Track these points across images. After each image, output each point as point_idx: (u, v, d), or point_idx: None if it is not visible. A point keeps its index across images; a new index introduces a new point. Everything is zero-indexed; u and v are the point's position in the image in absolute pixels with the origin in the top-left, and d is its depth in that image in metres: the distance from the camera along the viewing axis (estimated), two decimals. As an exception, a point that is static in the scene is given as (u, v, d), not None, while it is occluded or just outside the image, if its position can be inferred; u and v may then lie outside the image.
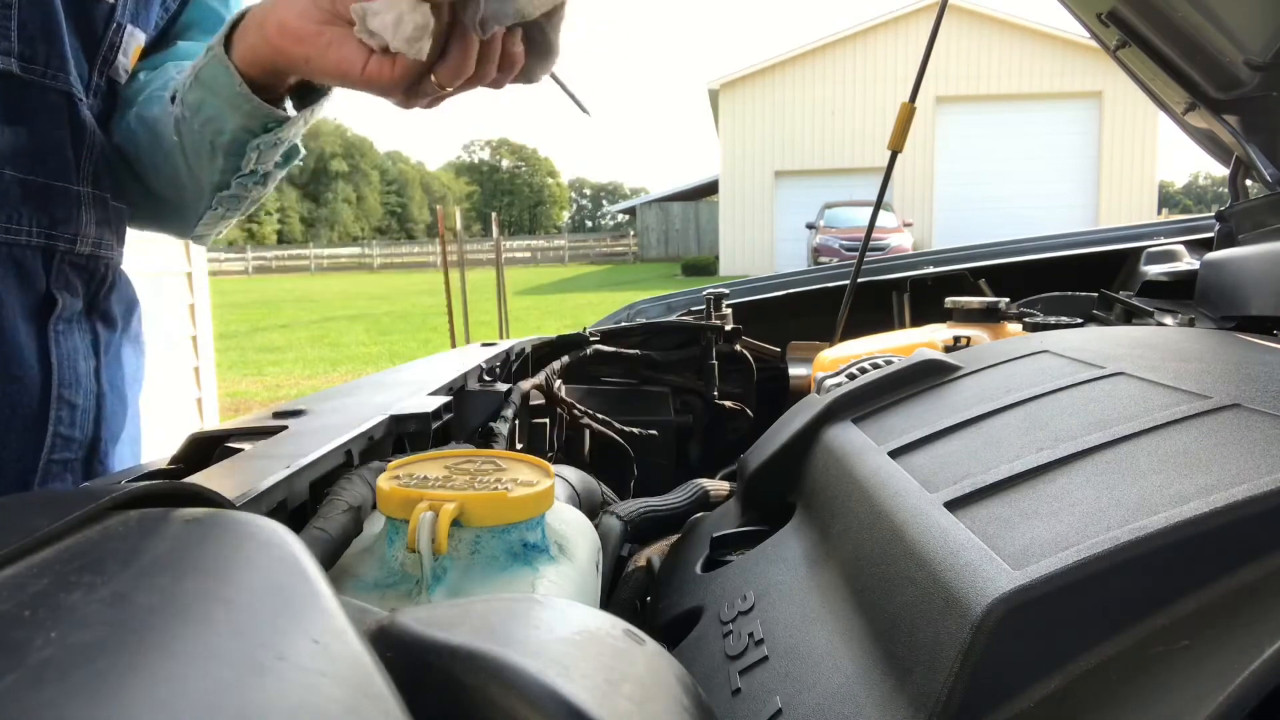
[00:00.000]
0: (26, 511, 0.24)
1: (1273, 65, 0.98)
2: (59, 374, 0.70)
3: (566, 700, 0.22)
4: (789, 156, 20.22)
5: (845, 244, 14.72)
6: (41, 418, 0.69)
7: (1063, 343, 0.69)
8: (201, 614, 0.20)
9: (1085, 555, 0.33)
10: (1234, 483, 0.36)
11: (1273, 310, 0.90)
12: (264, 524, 0.26)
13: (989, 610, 0.33)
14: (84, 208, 0.71)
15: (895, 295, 1.59)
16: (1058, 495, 0.41)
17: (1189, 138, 1.36)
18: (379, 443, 0.60)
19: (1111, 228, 1.82)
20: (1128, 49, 1.17)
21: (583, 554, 0.49)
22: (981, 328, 1.12)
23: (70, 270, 0.71)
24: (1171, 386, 0.51)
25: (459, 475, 0.47)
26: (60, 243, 0.69)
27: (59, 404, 0.70)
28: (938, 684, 0.34)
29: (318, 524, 0.43)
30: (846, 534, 0.51)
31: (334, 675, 0.19)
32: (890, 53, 19.16)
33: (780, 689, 0.43)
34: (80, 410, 0.72)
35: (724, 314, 1.38)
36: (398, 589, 0.42)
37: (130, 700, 0.16)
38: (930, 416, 0.60)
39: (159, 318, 3.46)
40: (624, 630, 0.29)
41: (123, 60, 0.74)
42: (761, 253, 20.24)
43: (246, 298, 14.68)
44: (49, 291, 0.69)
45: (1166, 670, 0.30)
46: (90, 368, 0.74)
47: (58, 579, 0.20)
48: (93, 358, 0.74)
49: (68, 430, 0.71)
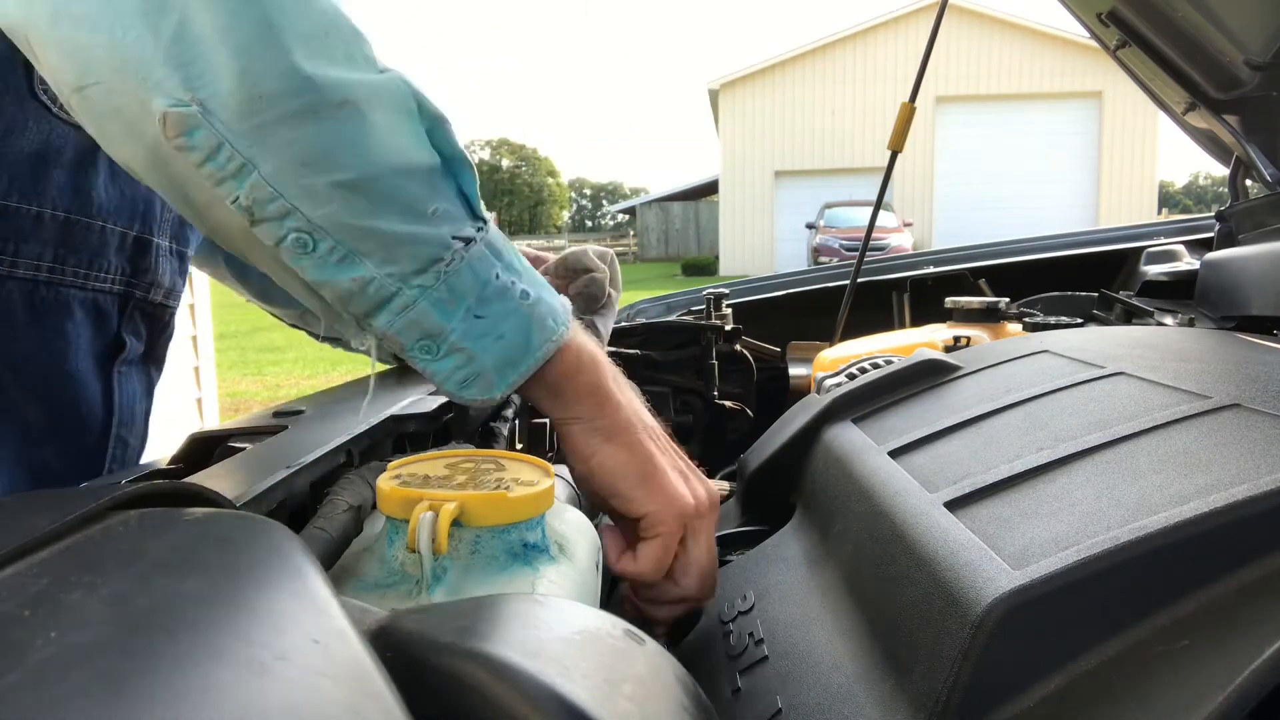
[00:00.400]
0: (26, 511, 0.24)
1: (1273, 65, 0.98)
2: (119, 414, 0.71)
3: (566, 700, 0.22)
4: (789, 156, 20.23)
5: (845, 244, 14.72)
6: (99, 455, 0.71)
7: (1063, 343, 0.69)
8: (202, 614, 0.20)
9: (1085, 555, 0.33)
10: (1234, 483, 0.36)
11: (1273, 310, 0.90)
12: (264, 524, 0.26)
13: (989, 610, 0.33)
14: (162, 258, 0.72)
15: (895, 295, 1.59)
16: (1058, 495, 0.41)
17: (1189, 138, 1.36)
18: (379, 443, 0.60)
19: (1111, 228, 1.82)
20: (1128, 49, 1.17)
21: (583, 554, 0.49)
22: (981, 328, 1.12)
23: (139, 317, 0.72)
24: (1171, 386, 0.51)
25: (459, 475, 0.47)
26: (137, 290, 0.71)
27: (116, 443, 0.72)
28: (938, 684, 0.34)
29: (318, 524, 0.43)
30: (846, 534, 0.51)
31: (334, 675, 0.19)
32: (890, 53, 19.15)
33: (780, 689, 0.43)
34: (131, 449, 0.74)
35: (724, 314, 1.38)
36: (398, 589, 0.42)
37: (130, 700, 0.16)
38: (930, 416, 0.60)
39: (159, 318, 3.45)
40: (624, 630, 0.29)
41: None
42: (761, 253, 20.24)
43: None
44: (119, 335, 0.71)
45: (1166, 670, 0.30)
46: (144, 409, 0.75)
47: (58, 579, 0.20)
48: (146, 400, 0.76)
49: (119, 469, 0.73)
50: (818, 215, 17.26)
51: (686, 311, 1.57)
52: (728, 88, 20.30)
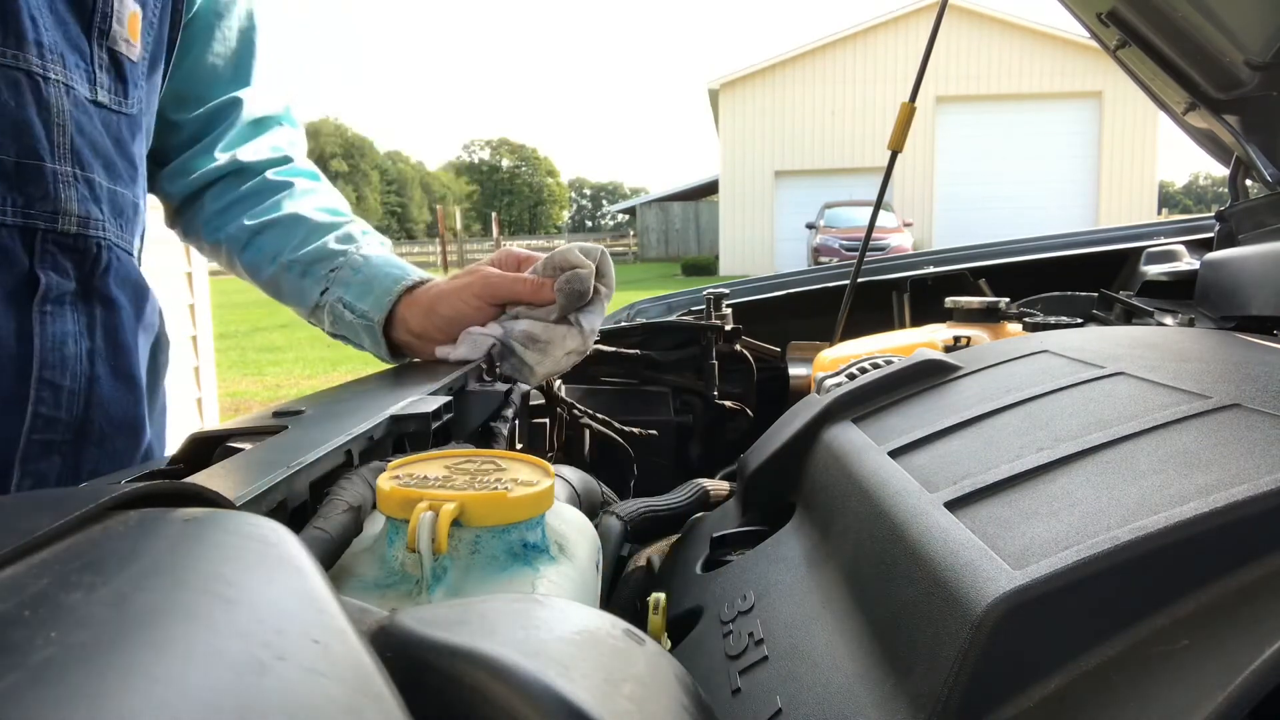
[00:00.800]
0: (26, 511, 0.24)
1: (1273, 65, 0.98)
2: (41, 355, 0.69)
3: (566, 700, 0.22)
4: (789, 156, 20.23)
5: (845, 244, 14.73)
6: (20, 397, 0.69)
7: (1063, 343, 0.69)
8: (201, 614, 0.20)
9: (1085, 555, 0.33)
10: (1234, 483, 0.36)
11: (1273, 310, 0.90)
12: (264, 524, 0.26)
13: (989, 610, 0.33)
14: (63, 184, 0.70)
15: (895, 295, 1.59)
16: (1058, 495, 0.41)
17: (1189, 138, 1.36)
18: (379, 443, 0.60)
19: (1111, 228, 1.82)
20: (1128, 49, 1.17)
21: (583, 554, 0.49)
22: (981, 328, 1.12)
23: (57, 251, 0.70)
24: (1171, 386, 0.51)
25: (459, 475, 0.47)
26: (39, 222, 0.69)
27: (40, 385, 0.70)
28: (938, 684, 0.34)
29: (318, 524, 0.43)
30: (846, 534, 0.51)
31: (334, 675, 0.19)
32: (890, 53, 19.16)
33: (780, 689, 0.43)
34: (66, 392, 0.72)
35: (724, 314, 1.38)
36: (398, 589, 0.42)
37: (130, 700, 0.16)
38: (930, 416, 0.60)
39: (159, 318, 3.45)
40: (624, 630, 0.29)
41: (118, 29, 0.74)
42: (761, 253, 20.25)
43: (246, 298, 14.68)
44: (32, 272, 0.69)
45: (1166, 670, 0.30)
46: (82, 350, 0.73)
47: (58, 579, 0.20)
48: (86, 340, 0.73)
49: (50, 411, 0.71)
50: (818, 215, 17.28)
51: (686, 311, 1.57)
52: (728, 88, 20.31)
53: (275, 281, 0.93)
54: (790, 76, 20.05)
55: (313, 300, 0.91)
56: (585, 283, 0.83)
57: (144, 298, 0.81)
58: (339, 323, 0.91)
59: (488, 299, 0.85)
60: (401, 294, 0.88)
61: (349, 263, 0.90)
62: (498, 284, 0.85)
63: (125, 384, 0.77)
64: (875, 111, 19.22)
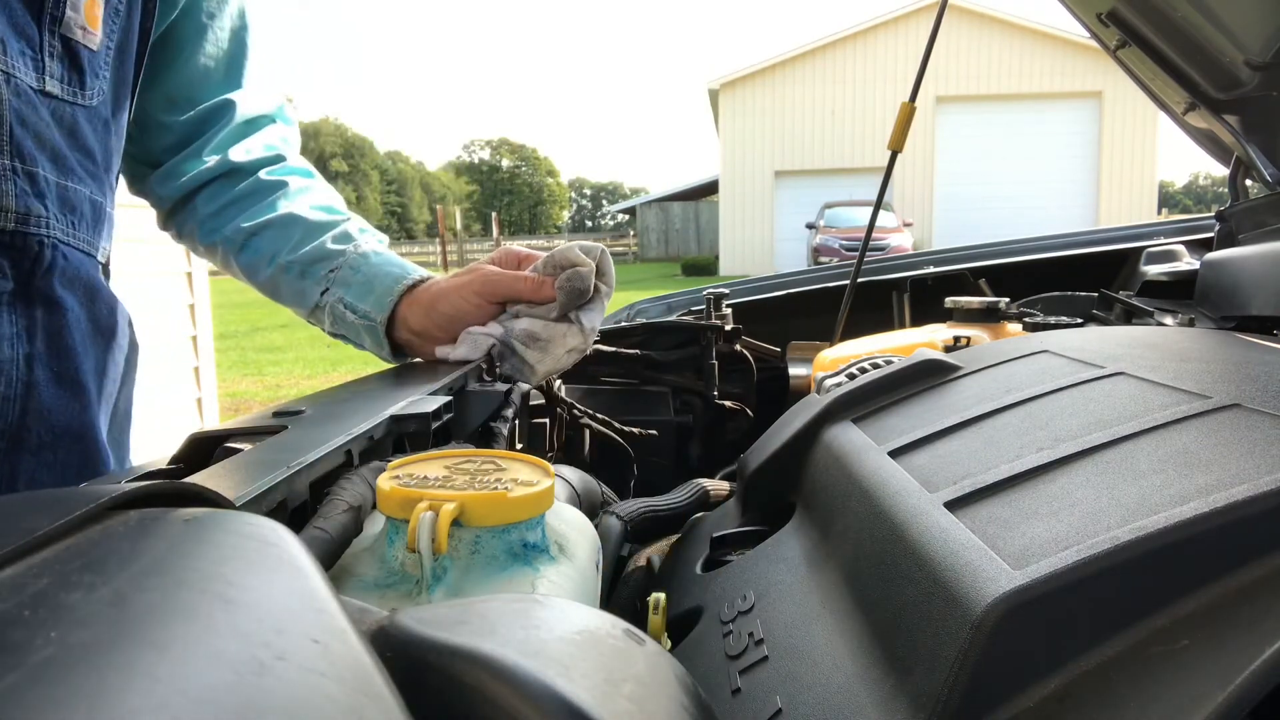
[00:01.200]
0: (26, 511, 0.24)
1: (1273, 65, 0.98)
2: None
3: (566, 700, 0.22)
4: (789, 156, 20.24)
5: (845, 244, 14.74)
6: None
7: (1063, 343, 0.69)
8: (201, 614, 0.20)
9: (1085, 555, 0.33)
10: (1234, 483, 0.36)
11: (1273, 310, 0.90)
12: (264, 524, 0.26)
13: (989, 610, 0.33)
14: (2, 179, 0.66)
15: (895, 295, 1.59)
16: (1058, 495, 0.41)
17: (1189, 138, 1.36)
18: (379, 443, 0.60)
19: (1111, 228, 1.82)
20: (1128, 49, 1.17)
21: (583, 554, 0.49)
22: (981, 328, 1.12)
23: None
24: (1171, 386, 0.51)
25: (459, 475, 0.47)
26: None
27: None
28: (938, 684, 0.34)
29: (318, 524, 0.43)
30: (846, 534, 0.51)
31: (334, 675, 0.19)
32: (890, 53, 19.16)
33: (780, 689, 0.43)
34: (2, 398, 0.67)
35: (724, 314, 1.38)
36: (398, 589, 0.42)
37: (130, 700, 0.16)
38: (930, 416, 0.60)
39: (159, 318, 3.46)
40: (624, 630, 0.29)
41: (73, 15, 0.69)
42: (761, 253, 20.25)
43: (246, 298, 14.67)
44: None
45: (1166, 670, 0.30)
46: (19, 353, 0.68)
47: (58, 579, 0.20)
48: (23, 344, 0.69)
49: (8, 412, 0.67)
50: (818, 215, 17.28)
51: (686, 311, 1.57)
52: (728, 88, 20.31)
53: (273, 283, 0.93)
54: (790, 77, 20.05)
55: (312, 301, 0.91)
56: (586, 280, 0.83)
57: (97, 298, 0.75)
58: (340, 323, 0.91)
59: (488, 297, 0.85)
60: (403, 293, 0.88)
61: (348, 262, 0.89)
62: (498, 282, 0.85)
63: (70, 390, 0.72)
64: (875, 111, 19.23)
